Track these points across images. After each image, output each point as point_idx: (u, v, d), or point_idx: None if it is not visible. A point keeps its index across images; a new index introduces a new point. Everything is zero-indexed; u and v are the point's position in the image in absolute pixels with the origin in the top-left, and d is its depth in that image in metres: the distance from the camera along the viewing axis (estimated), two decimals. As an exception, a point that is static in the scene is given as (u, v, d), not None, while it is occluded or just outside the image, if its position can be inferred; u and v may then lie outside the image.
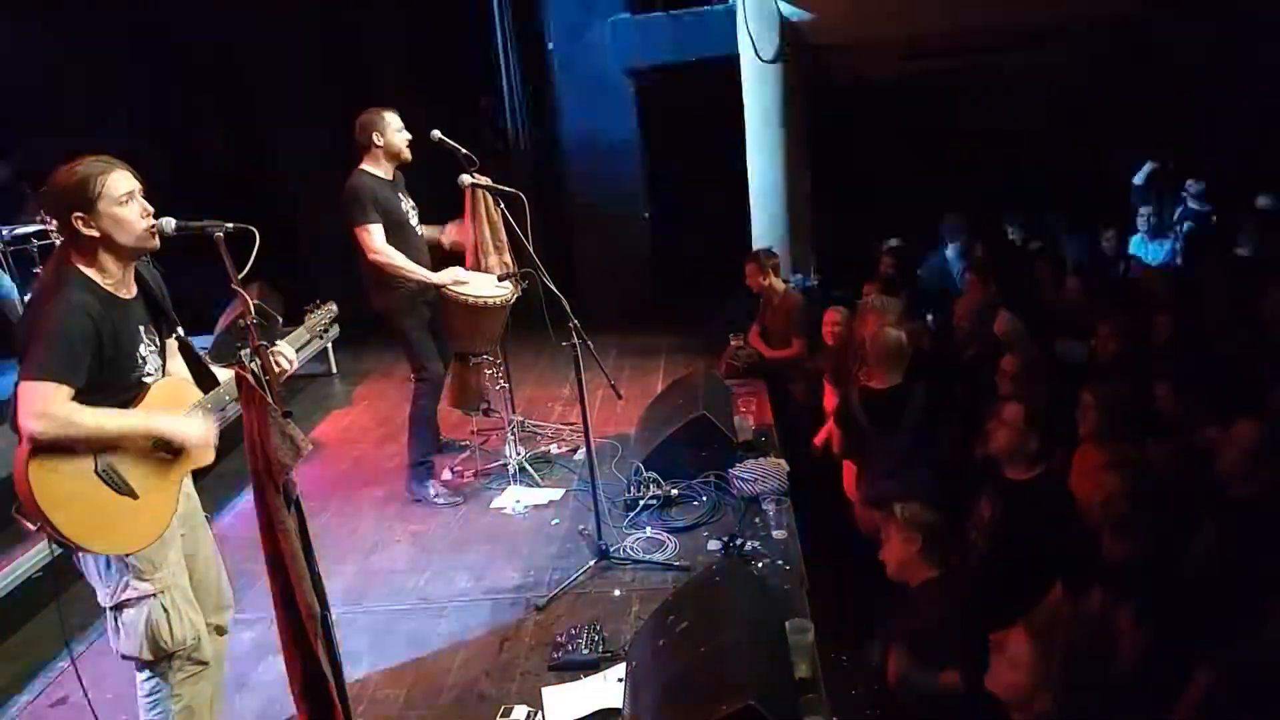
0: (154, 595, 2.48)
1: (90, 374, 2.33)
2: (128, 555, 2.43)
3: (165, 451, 2.49)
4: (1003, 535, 3.34)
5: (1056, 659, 2.40)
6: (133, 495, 2.38)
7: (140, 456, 2.42)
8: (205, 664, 2.63)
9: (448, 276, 4.36)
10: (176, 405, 2.55)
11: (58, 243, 2.49)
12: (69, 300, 2.32)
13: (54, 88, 6.55)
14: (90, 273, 2.39)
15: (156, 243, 2.43)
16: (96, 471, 2.33)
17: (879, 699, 3.20)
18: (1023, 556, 3.22)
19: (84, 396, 2.31)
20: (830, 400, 4.99)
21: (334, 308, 3.06)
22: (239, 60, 7.35)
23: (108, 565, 2.45)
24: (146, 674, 2.56)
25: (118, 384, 2.43)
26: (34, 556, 3.74)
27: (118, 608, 2.48)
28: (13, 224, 5.36)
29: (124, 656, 2.54)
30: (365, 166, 4.29)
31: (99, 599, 2.51)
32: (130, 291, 2.49)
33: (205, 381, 2.66)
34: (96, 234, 2.36)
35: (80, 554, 2.43)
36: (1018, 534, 3.29)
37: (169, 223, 2.41)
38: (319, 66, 7.34)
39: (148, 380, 2.52)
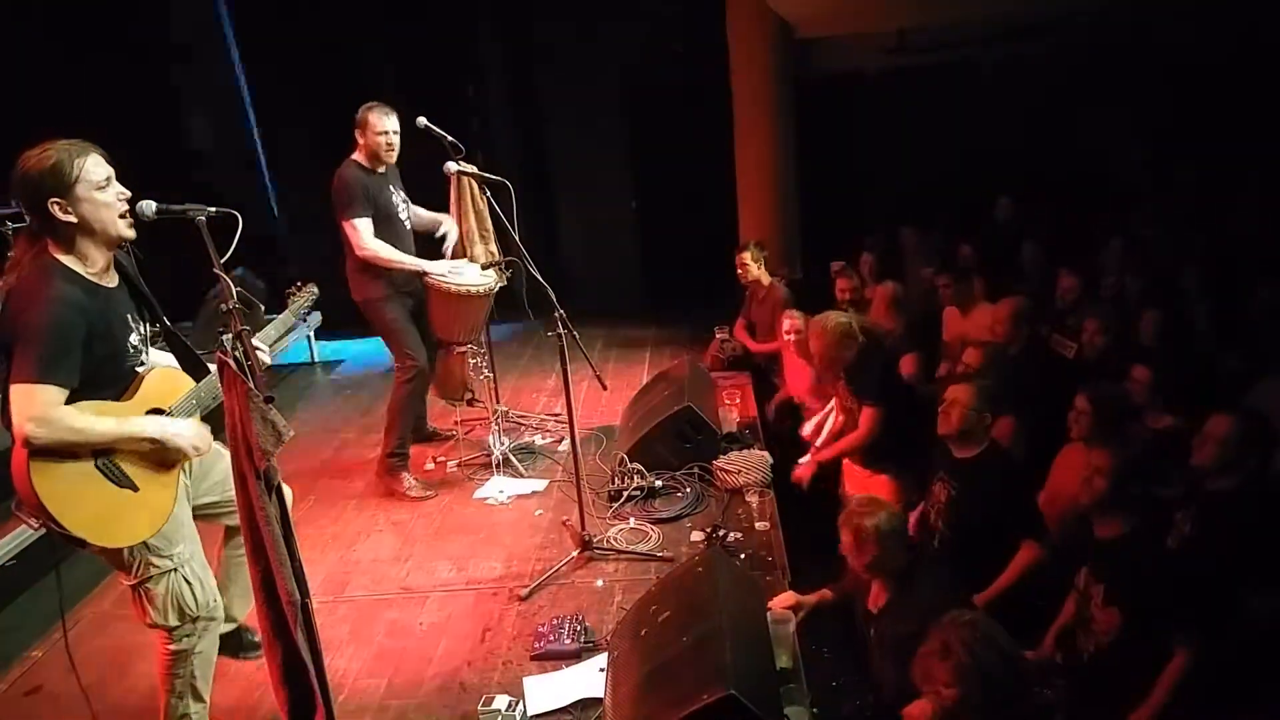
0: (174, 570, 2.55)
1: (84, 369, 2.30)
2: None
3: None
4: (958, 515, 3.41)
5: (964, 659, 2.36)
6: (133, 488, 2.42)
7: (133, 450, 2.44)
8: (220, 619, 2.72)
9: (443, 266, 4.34)
10: (171, 395, 2.55)
11: (11, 232, 2.39)
12: (54, 295, 2.27)
13: (35, 69, 6.45)
14: (71, 263, 2.35)
15: (133, 231, 2.40)
16: (96, 466, 2.35)
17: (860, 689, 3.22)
18: (979, 533, 3.31)
19: (79, 393, 2.29)
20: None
21: (315, 289, 3.04)
22: (223, 43, 7.26)
23: (128, 548, 2.47)
24: (172, 638, 2.62)
25: (112, 376, 2.42)
26: (4, 545, 3.70)
27: (140, 584, 2.53)
28: None
29: (152, 626, 2.60)
30: (356, 157, 4.25)
31: (121, 579, 2.56)
32: (113, 279, 2.46)
33: (195, 370, 2.64)
34: (74, 220, 2.31)
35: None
36: (973, 511, 3.37)
37: (149, 206, 2.36)
38: (303, 52, 7.26)
39: (140, 370, 2.50)
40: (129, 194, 2.39)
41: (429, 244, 4.62)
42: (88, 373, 2.32)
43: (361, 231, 4.17)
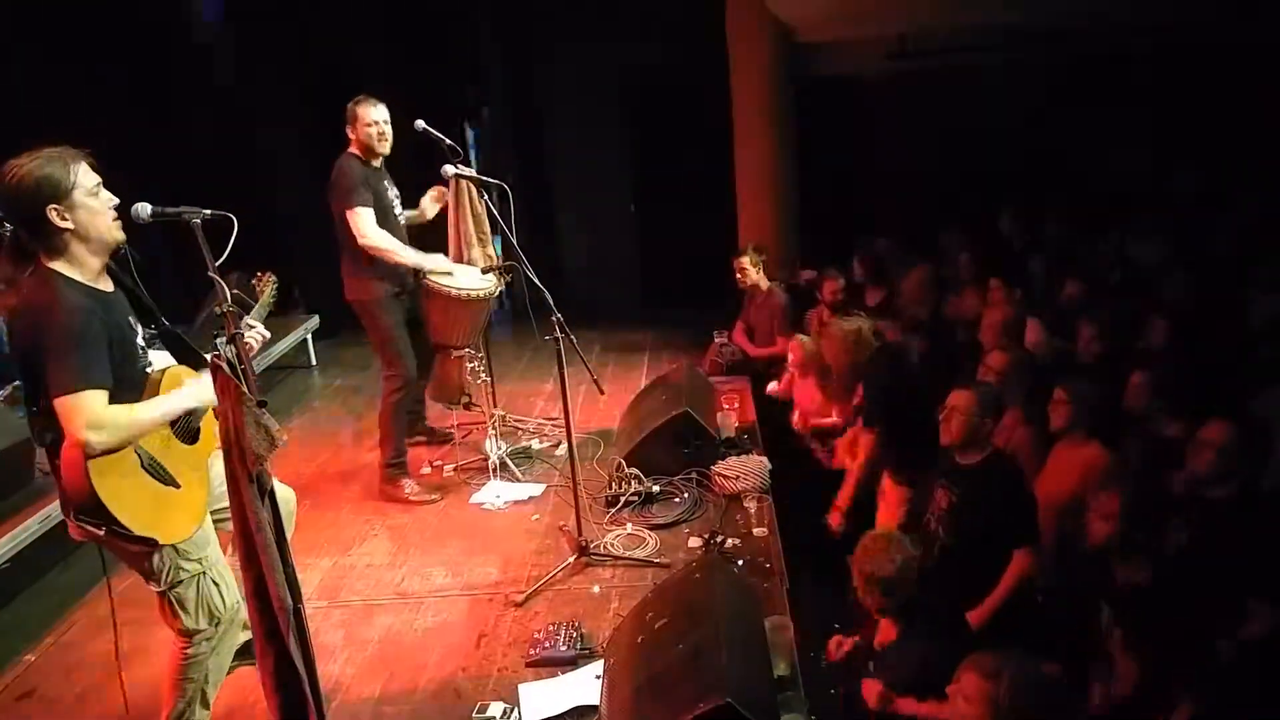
0: (203, 573, 2.56)
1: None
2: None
3: (185, 440, 2.55)
4: (959, 522, 3.38)
5: (1005, 693, 2.36)
6: (175, 485, 2.46)
7: (169, 448, 2.48)
8: (241, 621, 2.71)
9: (437, 262, 4.33)
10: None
11: (9, 233, 2.36)
12: (67, 304, 2.27)
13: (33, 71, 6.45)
14: (69, 271, 2.34)
15: (123, 234, 2.39)
16: (143, 466, 2.39)
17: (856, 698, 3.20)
18: (980, 540, 3.28)
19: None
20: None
21: (274, 278, 3.03)
22: (219, 47, 7.25)
23: (158, 554, 2.48)
24: (193, 641, 2.61)
25: (130, 378, 2.42)
26: (2, 546, 3.68)
27: (170, 589, 2.53)
28: None
29: (183, 631, 2.60)
30: (354, 150, 4.24)
31: (150, 586, 2.55)
32: (109, 285, 2.46)
33: (200, 368, 2.64)
34: (71, 226, 2.30)
35: (139, 548, 2.43)
36: (974, 518, 3.34)
37: (145, 208, 2.34)
38: (299, 52, 7.25)
39: (149, 370, 2.50)
40: (117, 200, 2.39)
41: (425, 244, 4.60)
42: (113, 377, 2.32)
43: (364, 219, 4.14)
